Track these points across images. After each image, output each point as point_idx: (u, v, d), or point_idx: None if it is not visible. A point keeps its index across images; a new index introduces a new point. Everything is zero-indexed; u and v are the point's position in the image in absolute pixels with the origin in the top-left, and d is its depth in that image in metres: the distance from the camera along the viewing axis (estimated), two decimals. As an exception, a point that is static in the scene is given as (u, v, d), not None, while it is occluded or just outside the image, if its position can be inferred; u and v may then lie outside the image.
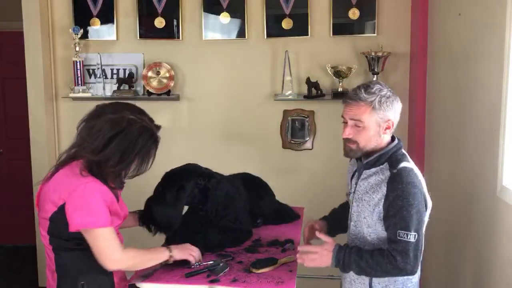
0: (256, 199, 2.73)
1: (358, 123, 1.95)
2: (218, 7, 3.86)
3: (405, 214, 1.88)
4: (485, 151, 2.43)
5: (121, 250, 1.88)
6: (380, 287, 2.02)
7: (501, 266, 2.25)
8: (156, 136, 1.94)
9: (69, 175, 1.87)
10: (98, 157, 1.83)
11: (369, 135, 1.96)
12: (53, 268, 1.95)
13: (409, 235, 1.87)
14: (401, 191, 1.89)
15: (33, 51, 3.92)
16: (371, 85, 1.97)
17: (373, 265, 1.89)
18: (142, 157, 1.90)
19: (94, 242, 1.84)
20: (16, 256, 4.91)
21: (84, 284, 1.92)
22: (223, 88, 3.97)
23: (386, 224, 1.93)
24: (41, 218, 1.93)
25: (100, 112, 1.91)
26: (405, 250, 1.87)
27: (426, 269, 3.55)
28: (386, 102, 1.95)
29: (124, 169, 1.90)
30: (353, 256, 1.92)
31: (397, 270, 1.89)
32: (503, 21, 2.22)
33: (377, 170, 1.99)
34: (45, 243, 1.96)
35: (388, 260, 1.88)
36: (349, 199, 2.15)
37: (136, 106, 1.97)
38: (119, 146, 1.84)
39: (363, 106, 1.94)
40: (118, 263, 1.89)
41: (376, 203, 1.95)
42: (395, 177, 1.92)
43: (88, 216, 1.81)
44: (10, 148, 5.10)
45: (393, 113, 1.98)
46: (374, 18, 3.79)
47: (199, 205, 2.39)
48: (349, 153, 2.03)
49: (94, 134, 1.85)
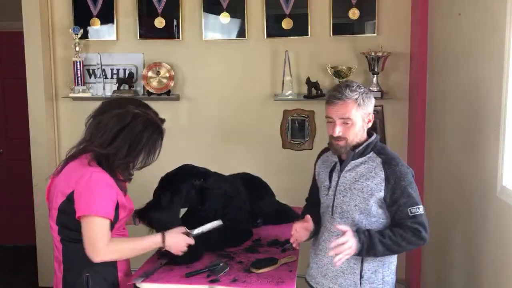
0: (256, 199, 2.73)
1: (347, 120, 2.06)
2: (218, 7, 3.86)
3: (411, 192, 2.04)
4: (485, 151, 2.43)
5: (106, 243, 1.90)
6: (370, 273, 2.10)
7: (501, 266, 2.25)
8: (161, 128, 2.03)
9: (78, 165, 1.94)
10: (106, 150, 1.91)
11: (356, 130, 2.08)
12: (61, 259, 2.00)
13: (419, 208, 2.04)
14: (399, 172, 2.04)
15: (33, 51, 3.92)
16: (350, 84, 2.09)
17: (397, 240, 2.00)
18: (148, 148, 1.98)
19: (86, 230, 1.88)
20: (16, 256, 4.91)
21: (88, 276, 1.96)
22: (223, 88, 3.97)
23: (395, 207, 2.04)
24: (52, 209, 1.98)
25: (106, 107, 1.99)
26: (422, 221, 2.03)
27: (425, 269, 3.56)
28: (366, 98, 2.09)
29: (132, 161, 1.98)
30: (375, 236, 2.00)
31: (420, 241, 2.03)
32: (503, 21, 2.22)
33: (365, 159, 2.10)
34: (54, 235, 2.01)
35: (412, 233, 2.01)
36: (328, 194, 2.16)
37: (140, 101, 2.06)
38: (126, 139, 1.92)
39: (350, 104, 2.05)
40: (100, 255, 1.90)
41: (372, 189, 2.04)
42: (390, 161, 2.06)
43: (90, 203, 1.87)
44: (10, 148, 5.10)
45: (371, 106, 2.12)
46: (374, 18, 3.79)
47: (197, 205, 2.39)
48: (338, 150, 2.12)
49: (101, 128, 1.93)
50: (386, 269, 2.13)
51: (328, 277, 2.17)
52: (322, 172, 2.25)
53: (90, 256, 1.90)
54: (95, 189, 1.88)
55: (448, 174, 3.06)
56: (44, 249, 4.04)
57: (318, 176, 2.28)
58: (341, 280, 2.13)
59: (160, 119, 2.04)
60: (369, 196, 2.04)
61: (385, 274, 2.13)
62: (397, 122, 3.85)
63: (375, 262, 2.10)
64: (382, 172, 2.04)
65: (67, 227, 1.95)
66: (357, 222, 2.08)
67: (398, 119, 3.85)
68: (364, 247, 1.99)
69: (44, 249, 4.05)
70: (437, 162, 3.33)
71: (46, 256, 4.01)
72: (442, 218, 3.14)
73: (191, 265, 2.22)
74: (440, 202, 3.23)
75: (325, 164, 2.24)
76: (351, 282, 2.11)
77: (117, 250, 1.95)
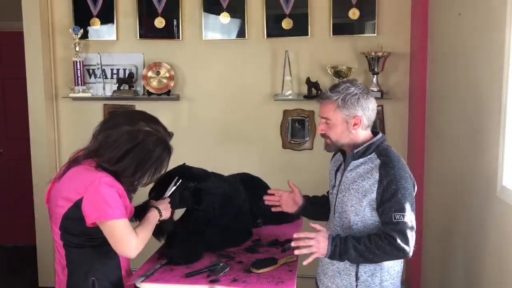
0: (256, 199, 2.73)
1: (327, 120, 2.08)
2: (218, 7, 3.87)
3: (400, 197, 1.97)
4: (485, 151, 2.43)
5: (136, 236, 1.93)
6: (366, 276, 2.07)
7: (501, 266, 2.24)
8: (170, 147, 2.03)
9: (84, 171, 1.92)
10: (114, 167, 1.91)
11: (338, 131, 2.07)
12: (64, 263, 1.99)
13: (405, 216, 1.95)
14: (393, 175, 1.99)
15: (33, 51, 3.93)
16: (339, 85, 2.09)
17: (372, 248, 1.94)
18: (155, 167, 1.98)
19: (111, 233, 1.89)
20: (16, 256, 4.91)
21: (94, 280, 1.96)
22: (223, 88, 3.97)
23: (381, 209, 2.00)
24: (53, 213, 1.97)
25: (116, 122, 1.98)
26: (403, 230, 1.94)
27: (425, 269, 3.56)
28: (350, 100, 2.04)
29: (137, 179, 1.97)
30: (350, 242, 1.96)
31: (396, 251, 1.95)
32: (503, 21, 2.22)
33: (366, 159, 2.08)
34: (55, 238, 2.00)
35: (387, 241, 1.94)
36: (332, 193, 2.21)
37: (150, 115, 2.03)
38: (134, 159, 1.92)
39: (329, 105, 2.07)
40: (136, 249, 1.94)
41: (366, 190, 2.02)
42: (388, 163, 2.02)
43: (105, 209, 1.86)
44: (10, 148, 5.10)
45: (361, 110, 2.06)
46: (374, 18, 3.79)
47: (194, 205, 2.39)
48: (326, 147, 2.17)
49: (110, 144, 1.91)
50: (385, 273, 2.08)
51: (328, 276, 2.18)
52: (331, 171, 2.27)
53: (126, 254, 1.93)
54: (107, 193, 1.86)
55: (448, 174, 3.06)
56: (44, 249, 4.04)
57: (329, 174, 2.30)
58: (338, 280, 2.13)
59: (169, 134, 2.03)
60: (363, 197, 2.03)
61: (383, 279, 2.08)
62: (397, 122, 3.85)
63: (372, 266, 2.07)
64: (377, 174, 2.01)
65: (71, 233, 1.94)
66: (352, 224, 2.07)
67: (398, 119, 3.85)
68: (337, 250, 1.96)
69: (44, 249, 4.05)
70: (437, 162, 3.33)
71: (46, 256, 4.02)
72: (442, 218, 3.14)
73: (191, 265, 2.22)
74: (440, 202, 3.23)
75: (335, 163, 2.25)
76: (347, 283, 2.11)
77: (143, 238, 1.97)
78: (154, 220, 2.09)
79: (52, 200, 1.99)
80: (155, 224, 2.08)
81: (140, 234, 1.96)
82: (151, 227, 2.05)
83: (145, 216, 2.09)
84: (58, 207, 1.93)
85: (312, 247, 1.96)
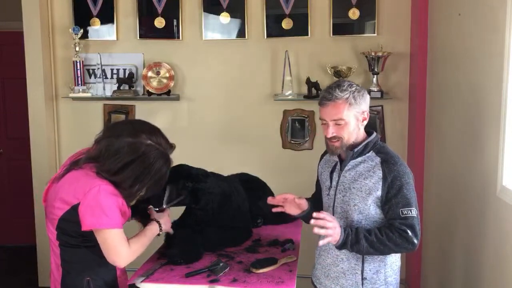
0: (255, 199, 2.73)
1: (339, 121, 2.05)
2: (218, 7, 3.87)
3: (405, 192, 2.01)
4: (485, 151, 2.43)
5: (128, 247, 1.94)
6: (372, 273, 2.10)
7: (501, 266, 2.25)
8: (170, 161, 2.02)
9: (84, 176, 1.92)
10: (112, 178, 1.91)
11: (351, 129, 2.07)
12: (59, 262, 2.00)
13: (412, 210, 2.00)
14: (397, 172, 2.02)
15: (33, 51, 3.92)
16: (341, 84, 2.09)
17: (383, 240, 1.97)
18: (154, 181, 1.98)
19: (104, 242, 1.90)
20: (16, 256, 4.91)
21: (89, 280, 1.97)
22: (223, 88, 3.97)
23: (387, 206, 2.02)
24: (50, 213, 1.97)
25: (118, 131, 1.97)
26: (411, 224, 1.98)
27: (425, 269, 3.56)
28: (358, 96, 2.06)
29: (135, 192, 1.98)
30: (361, 233, 1.99)
31: (406, 243, 1.98)
32: (503, 21, 2.22)
33: (364, 158, 2.09)
34: (51, 237, 2.00)
35: (398, 234, 1.97)
36: (329, 194, 2.19)
37: (153, 127, 2.02)
38: (134, 172, 1.92)
39: (340, 104, 2.04)
40: (126, 260, 1.95)
41: (371, 188, 2.03)
42: (389, 160, 2.05)
43: (101, 217, 1.86)
44: (10, 148, 5.10)
45: (365, 104, 2.10)
46: (374, 18, 3.79)
47: (191, 204, 2.40)
48: (334, 151, 2.12)
49: (111, 154, 1.91)
50: (388, 269, 2.11)
51: (330, 277, 2.18)
52: (324, 172, 2.25)
53: (115, 263, 1.94)
54: (104, 202, 1.87)
55: (448, 174, 3.06)
56: (44, 249, 4.03)
57: (321, 176, 2.29)
58: (343, 281, 2.13)
59: (171, 145, 2.03)
60: (367, 195, 2.04)
61: (387, 275, 2.11)
62: (397, 122, 3.86)
63: (376, 262, 2.09)
64: (380, 171, 2.03)
65: (67, 234, 1.94)
66: (356, 223, 2.08)
67: (398, 119, 3.85)
68: (349, 239, 1.98)
69: (44, 249, 4.04)
70: (437, 162, 3.33)
71: (46, 256, 3.98)
72: (442, 218, 3.14)
73: (191, 265, 2.22)
74: (440, 202, 3.23)
75: (327, 164, 2.24)
76: (352, 282, 2.11)
77: (135, 250, 1.98)
78: (151, 234, 2.10)
79: (49, 200, 1.99)
80: (152, 238, 2.09)
81: (133, 247, 1.97)
82: (146, 241, 2.06)
83: (144, 229, 2.10)
84: (56, 208, 1.93)
85: (329, 230, 1.96)
